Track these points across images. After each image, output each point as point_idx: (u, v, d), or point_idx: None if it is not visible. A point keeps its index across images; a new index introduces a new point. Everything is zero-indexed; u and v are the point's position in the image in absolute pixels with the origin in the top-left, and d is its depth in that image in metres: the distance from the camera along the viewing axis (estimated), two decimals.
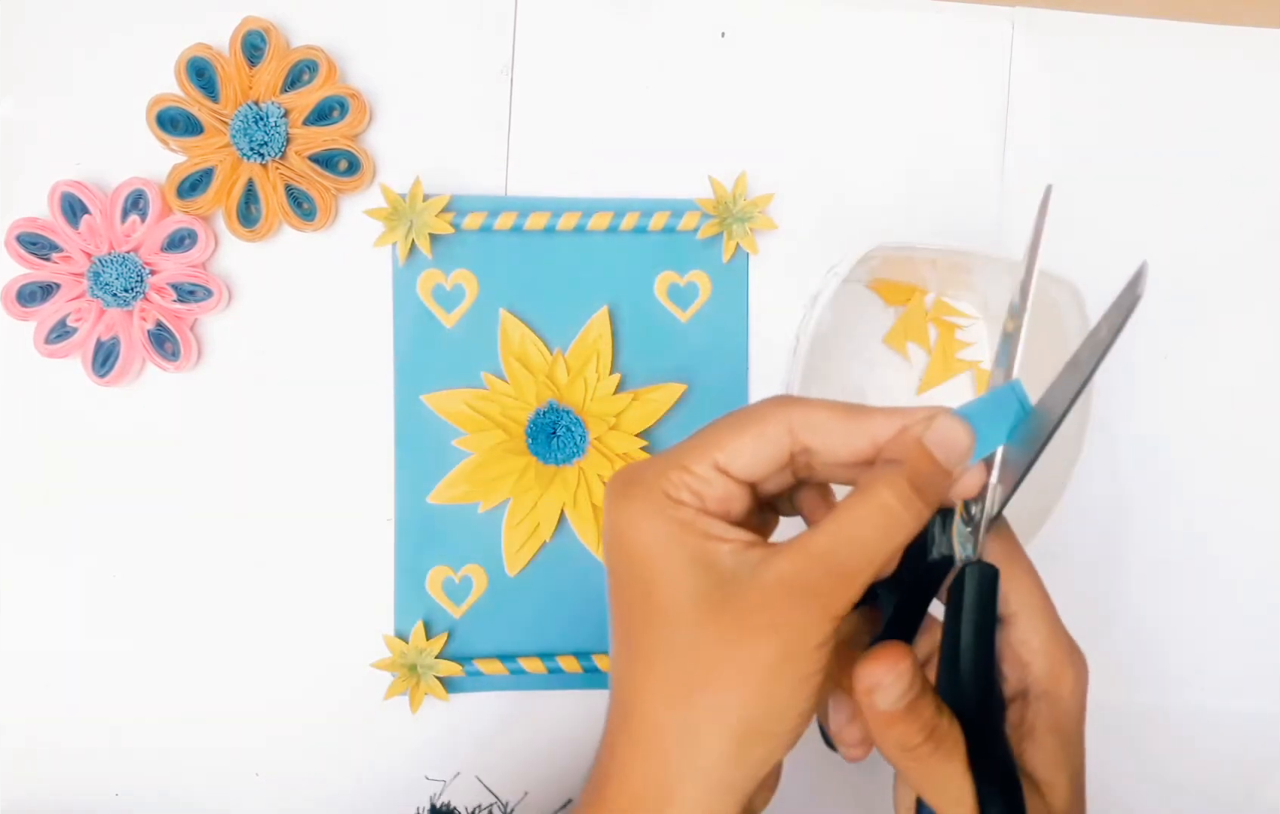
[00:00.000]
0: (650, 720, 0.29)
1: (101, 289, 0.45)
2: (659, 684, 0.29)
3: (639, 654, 0.30)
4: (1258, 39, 0.50)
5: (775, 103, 0.48)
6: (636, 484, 0.30)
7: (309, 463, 0.47)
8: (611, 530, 0.30)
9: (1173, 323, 0.50)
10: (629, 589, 0.30)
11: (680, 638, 0.29)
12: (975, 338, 0.50)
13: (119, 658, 0.46)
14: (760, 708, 0.28)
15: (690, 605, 0.29)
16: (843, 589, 0.28)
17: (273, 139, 0.45)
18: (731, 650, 0.28)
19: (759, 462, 0.30)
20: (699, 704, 0.28)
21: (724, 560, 0.29)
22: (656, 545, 0.29)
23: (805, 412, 0.30)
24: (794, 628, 0.28)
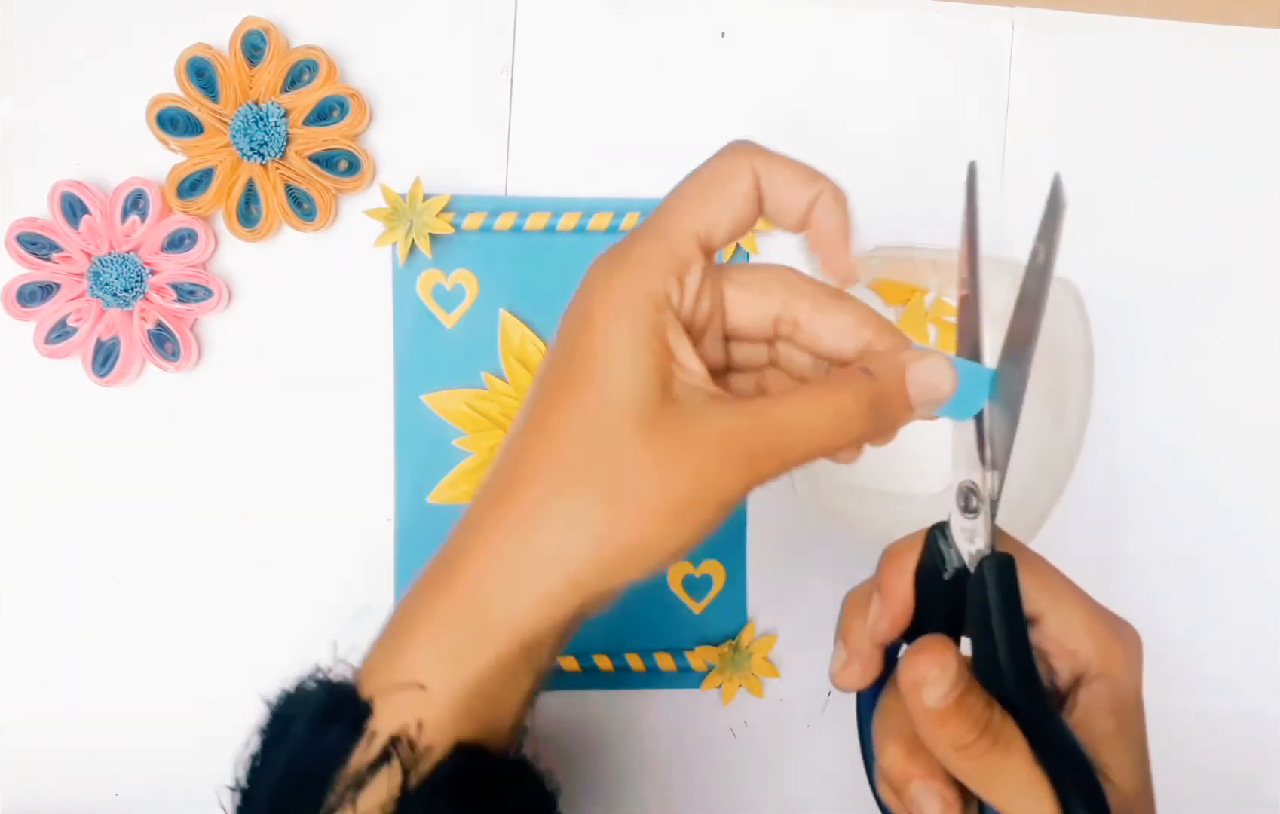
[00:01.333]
0: (530, 506, 0.28)
1: (101, 289, 0.45)
2: (557, 469, 0.28)
3: (546, 432, 0.29)
4: (1258, 39, 0.50)
5: (775, 103, 0.48)
6: (624, 264, 0.29)
7: (309, 463, 0.47)
8: (582, 301, 0.29)
9: (1173, 323, 0.50)
10: (568, 365, 0.29)
11: (606, 438, 0.28)
12: None
13: (119, 658, 0.46)
14: (651, 536, 0.28)
15: (631, 411, 0.28)
16: (774, 462, 0.28)
17: (273, 139, 0.45)
18: (655, 473, 0.27)
19: (732, 222, 0.30)
20: (594, 506, 0.27)
21: (679, 385, 0.28)
22: (624, 334, 0.28)
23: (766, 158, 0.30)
24: (715, 479, 0.28)
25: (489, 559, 0.29)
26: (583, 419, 0.28)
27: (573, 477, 0.28)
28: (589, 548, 0.28)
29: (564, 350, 0.29)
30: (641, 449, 0.27)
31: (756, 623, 0.48)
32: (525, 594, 0.28)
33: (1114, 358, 0.47)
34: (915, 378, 0.30)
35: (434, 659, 0.29)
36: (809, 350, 0.31)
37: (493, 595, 0.28)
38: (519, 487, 0.29)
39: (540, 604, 0.28)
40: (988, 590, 0.30)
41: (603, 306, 0.29)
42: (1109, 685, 0.31)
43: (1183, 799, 0.49)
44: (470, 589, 0.29)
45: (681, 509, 0.28)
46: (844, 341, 0.30)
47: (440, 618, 0.29)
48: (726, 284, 0.31)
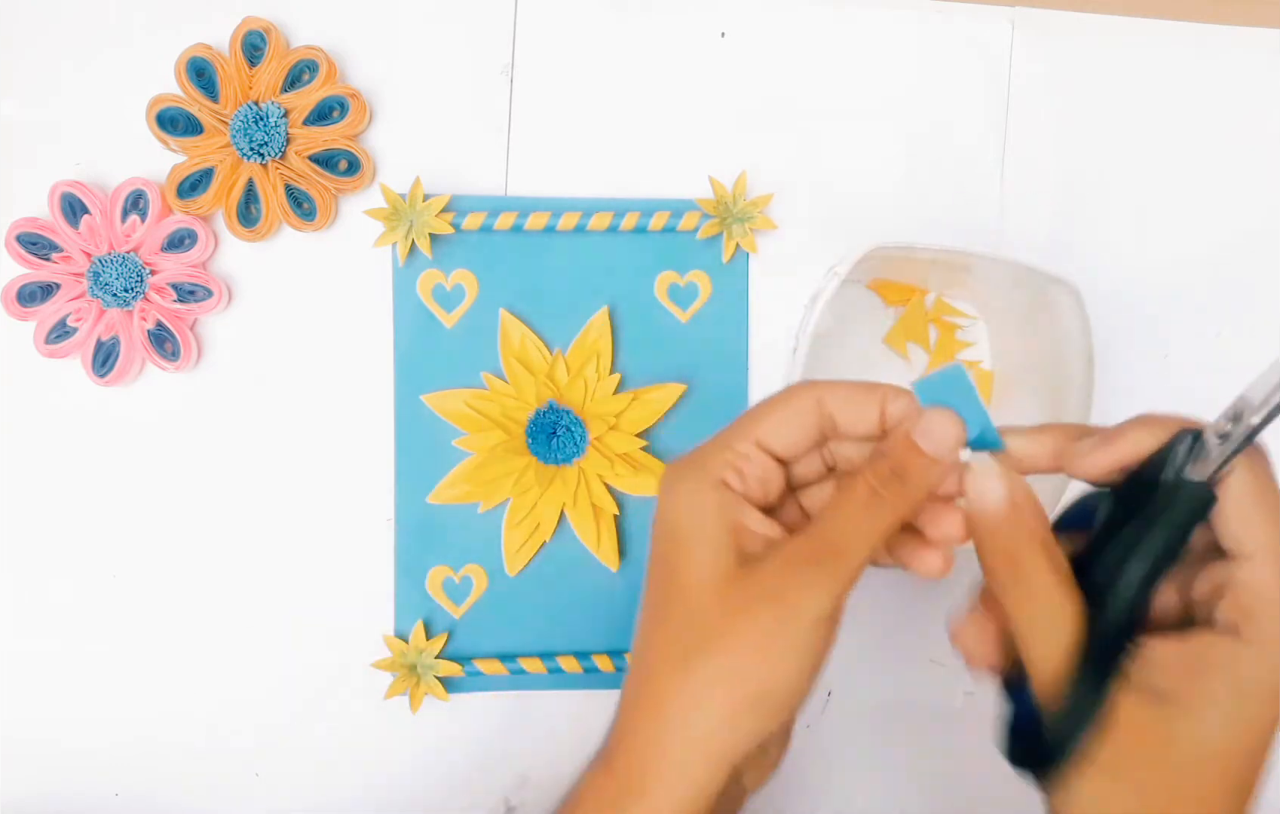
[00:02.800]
0: (656, 684, 0.31)
1: (101, 289, 0.45)
2: (668, 649, 0.31)
3: (657, 622, 0.32)
4: (1258, 39, 0.50)
5: (775, 103, 0.48)
6: (690, 467, 0.33)
7: (309, 463, 0.47)
8: (658, 508, 0.33)
9: (1173, 323, 0.50)
10: (664, 563, 0.32)
11: (694, 609, 0.31)
12: (975, 338, 0.50)
13: (119, 658, 0.46)
14: (757, 675, 0.30)
15: (709, 578, 0.31)
16: (839, 564, 0.30)
17: (273, 139, 0.45)
18: (734, 618, 0.30)
19: (793, 435, 0.33)
20: (700, 668, 0.30)
21: (750, 545, 0.31)
22: (695, 523, 0.31)
23: (829, 387, 0.33)
24: (793, 597, 0.30)
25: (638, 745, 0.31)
26: (676, 604, 0.31)
27: (679, 654, 0.31)
28: (715, 710, 0.30)
29: (656, 554, 0.33)
30: (719, 607, 0.30)
31: None
32: (676, 771, 0.30)
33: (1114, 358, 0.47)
34: (920, 433, 0.31)
35: None
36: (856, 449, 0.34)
37: (647, 777, 0.31)
38: (647, 675, 0.32)
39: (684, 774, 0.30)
40: (1170, 509, 0.29)
41: (674, 507, 0.32)
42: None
43: None
44: (627, 772, 0.31)
45: (771, 639, 0.30)
46: (872, 414, 0.32)
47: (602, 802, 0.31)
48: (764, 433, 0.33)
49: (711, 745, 0.30)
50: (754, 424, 0.33)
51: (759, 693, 0.30)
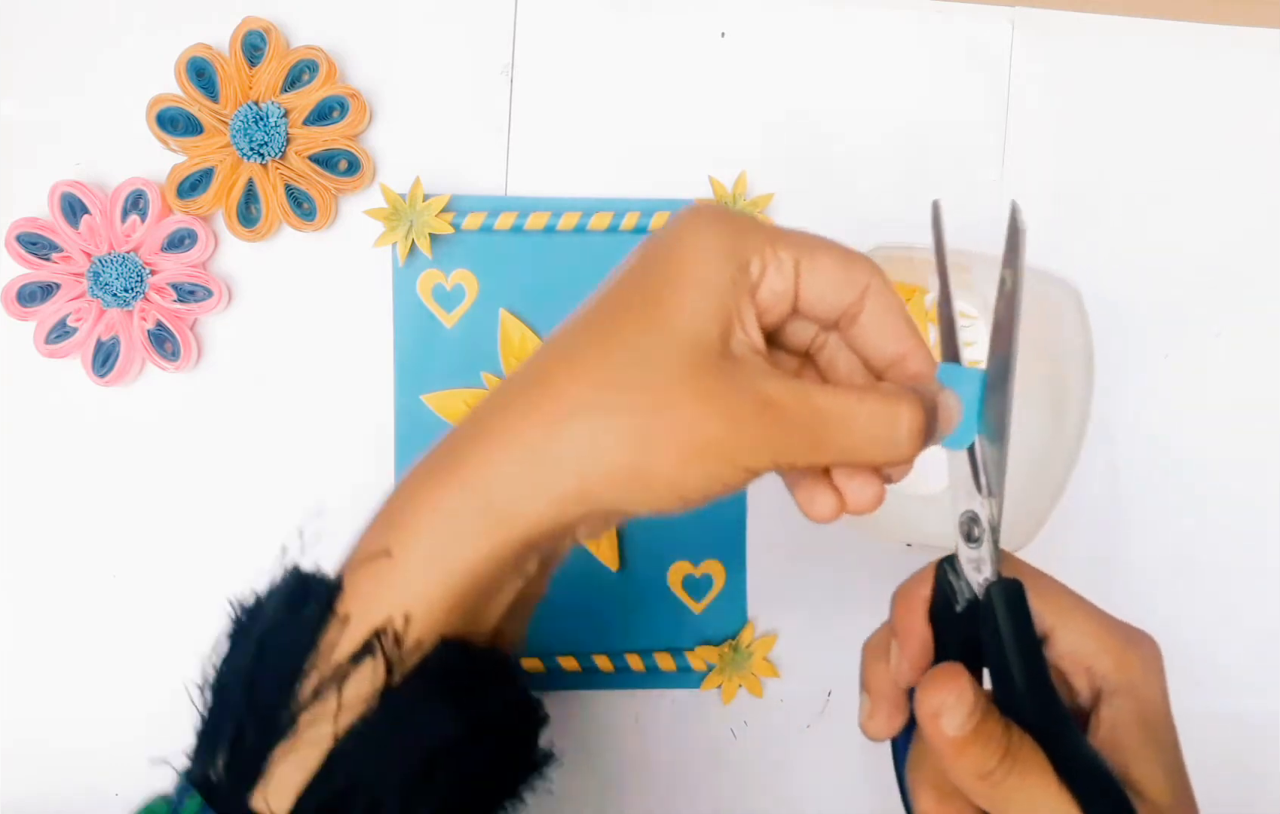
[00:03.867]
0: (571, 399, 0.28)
1: (101, 289, 0.45)
2: (604, 375, 0.28)
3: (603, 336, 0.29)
4: (1258, 39, 0.50)
5: (775, 103, 0.48)
6: (723, 219, 0.30)
7: (309, 463, 0.47)
8: (672, 232, 0.30)
9: (1173, 323, 0.50)
10: (642, 284, 0.29)
11: (656, 358, 0.28)
12: (975, 338, 0.50)
13: (119, 658, 0.46)
14: (669, 471, 0.28)
15: (687, 341, 0.28)
16: (805, 448, 0.28)
17: (273, 139, 0.45)
18: (691, 406, 0.27)
19: (829, 291, 0.30)
20: (625, 419, 0.28)
21: (737, 343, 0.29)
22: (701, 272, 0.29)
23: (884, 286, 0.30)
24: (746, 437, 0.28)
25: (505, 448, 0.28)
26: (642, 337, 0.28)
27: (616, 388, 0.28)
28: (609, 461, 0.27)
29: (639, 270, 0.30)
30: (687, 383, 0.28)
31: (756, 623, 0.48)
32: (537, 490, 0.28)
33: (1114, 358, 0.47)
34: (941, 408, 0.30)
35: (430, 545, 0.28)
36: (858, 349, 0.31)
37: (502, 484, 0.28)
38: (556, 384, 0.28)
39: (549, 502, 0.28)
40: (998, 617, 0.30)
41: (693, 244, 0.29)
42: (1130, 698, 0.30)
43: None
44: (478, 476, 0.28)
45: (706, 452, 0.27)
46: (889, 346, 0.31)
47: (440, 503, 0.29)
48: (810, 259, 0.30)
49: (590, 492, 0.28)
50: (806, 248, 0.30)
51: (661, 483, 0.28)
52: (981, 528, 0.31)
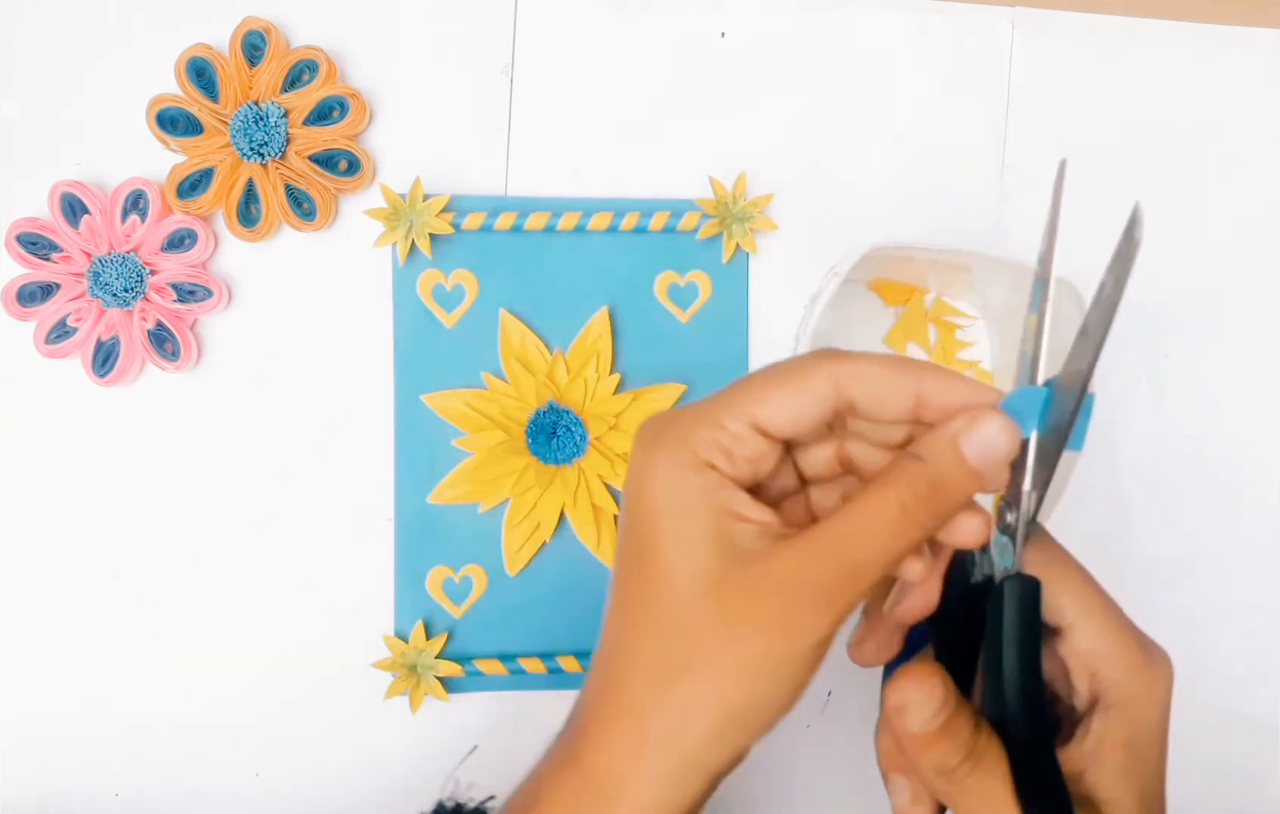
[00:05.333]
0: (633, 692, 0.28)
1: (101, 289, 0.45)
2: (648, 658, 0.28)
3: (633, 621, 0.29)
4: (1258, 39, 0.50)
5: (775, 103, 0.48)
6: (665, 436, 0.28)
7: (309, 463, 0.47)
8: (631, 480, 0.29)
9: (1173, 323, 0.50)
10: (635, 547, 0.29)
11: (678, 614, 0.27)
12: (975, 338, 0.50)
13: (119, 658, 0.46)
14: (746, 700, 0.27)
15: (693, 581, 0.27)
16: (848, 588, 0.27)
17: (273, 139, 0.45)
18: (726, 638, 0.27)
19: (800, 419, 0.28)
20: (685, 687, 0.27)
21: (738, 540, 0.28)
22: (672, 508, 0.28)
23: (852, 365, 0.28)
24: (794, 625, 0.27)
25: (611, 749, 0.29)
26: (653, 600, 0.28)
27: (658, 661, 0.28)
28: (696, 727, 0.27)
29: (626, 531, 0.29)
30: (706, 616, 0.27)
31: None
32: (654, 782, 0.28)
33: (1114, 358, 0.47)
34: (972, 447, 0.27)
35: None
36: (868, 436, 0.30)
37: (618, 779, 0.28)
38: (619, 677, 0.29)
39: (665, 785, 0.28)
40: (1004, 612, 0.29)
41: (649, 485, 0.28)
42: (1127, 717, 0.30)
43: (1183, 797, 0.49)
44: (599, 775, 0.29)
45: (762, 666, 0.27)
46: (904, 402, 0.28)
47: (571, 801, 0.29)
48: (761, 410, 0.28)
49: (694, 761, 0.28)
50: (752, 400, 0.28)
51: (746, 711, 0.28)
52: (1016, 516, 0.29)
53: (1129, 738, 0.29)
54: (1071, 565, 0.31)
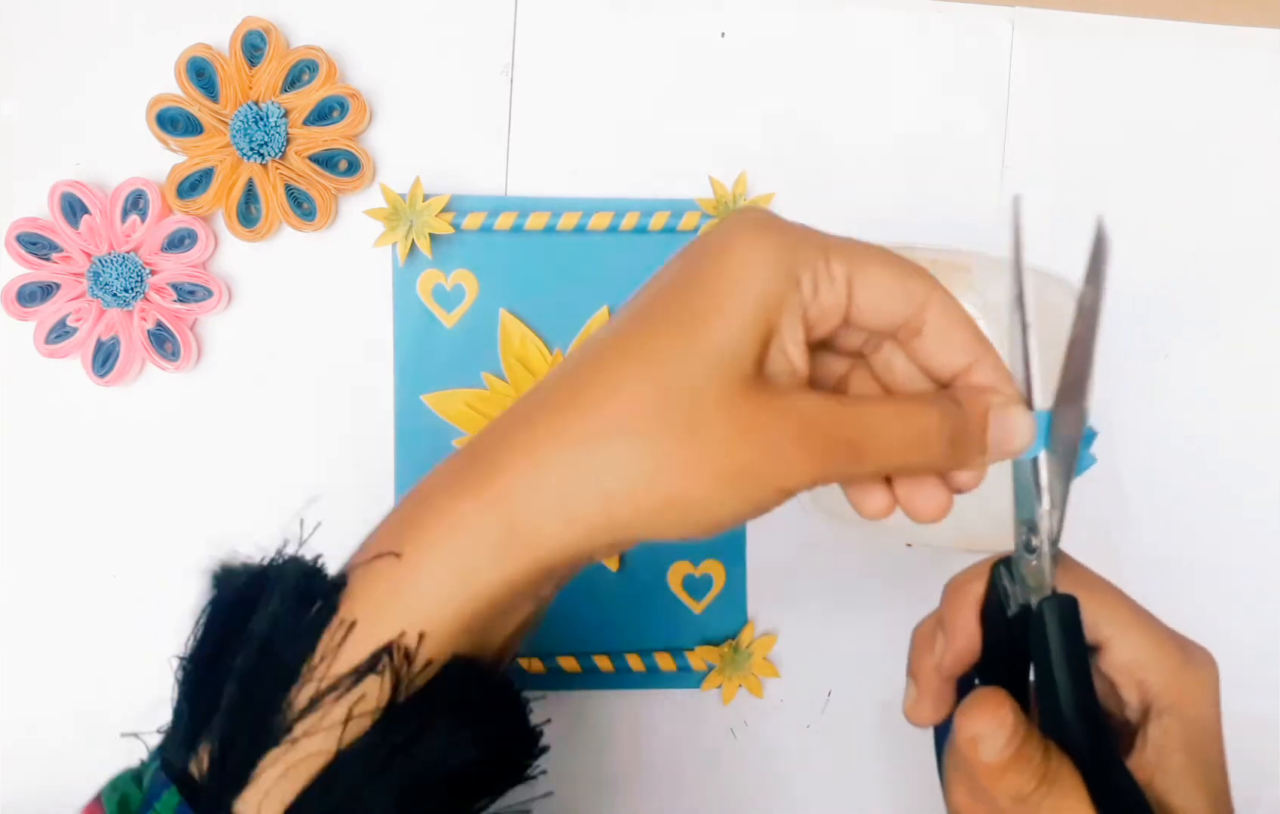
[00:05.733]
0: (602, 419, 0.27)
1: (101, 289, 0.45)
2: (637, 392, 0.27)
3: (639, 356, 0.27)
4: (1258, 39, 0.50)
5: (775, 103, 0.48)
6: (774, 230, 0.28)
7: (309, 463, 0.47)
8: (719, 240, 0.28)
9: (1173, 323, 0.49)
10: (686, 294, 0.28)
11: (693, 375, 0.27)
12: None
13: (119, 658, 0.46)
14: (702, 497, 0.27)
15: (725, 362, 0.27)
16: (846, 461, 0.27)
17: (273, 139, 0.45)
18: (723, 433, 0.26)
19: (884, 306, 0.29)
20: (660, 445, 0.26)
21: (775, 363, 0.28)
22: (747, 288, 0.27)
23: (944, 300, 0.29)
24: (784, 460, 0.27)
25: (532, 468, 0.27)
26: (681, 358, 0.27)
27: (647, 408, 0.26)
28: (639, 486, 0.26)
29: (683, 279, 0.28)
30: (723, 407, 0.26)
31: (756, 623, 0.48)
32: (563, 514, 0.27)
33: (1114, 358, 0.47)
34: (997, 421, 0.29)
35: (447, 561, 0.27)
36: (919, 361, 0.30)
37: (527, 507, 0.27)
38: (587, 403, 0.27)
39: (574, 527, 0.27)
40: (1048, 633, 0.29)
41: (741, 257, 0.27)
42: (1180, 719, 0.30)
43: None
44: (502, 496, 0.27)
45: (742, 478, 0.27)
46: (955, 359, 0.29)
47: (460, 519, 0.27)
48: (864, 274, 0.29)
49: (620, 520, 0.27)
50: (860, 260, 0.28)
51: (693, 509, 0.27)
52: (1040, 538, 0.30)
53: (1186, 740, 0.30)
54: (1099, 582, 0.32)
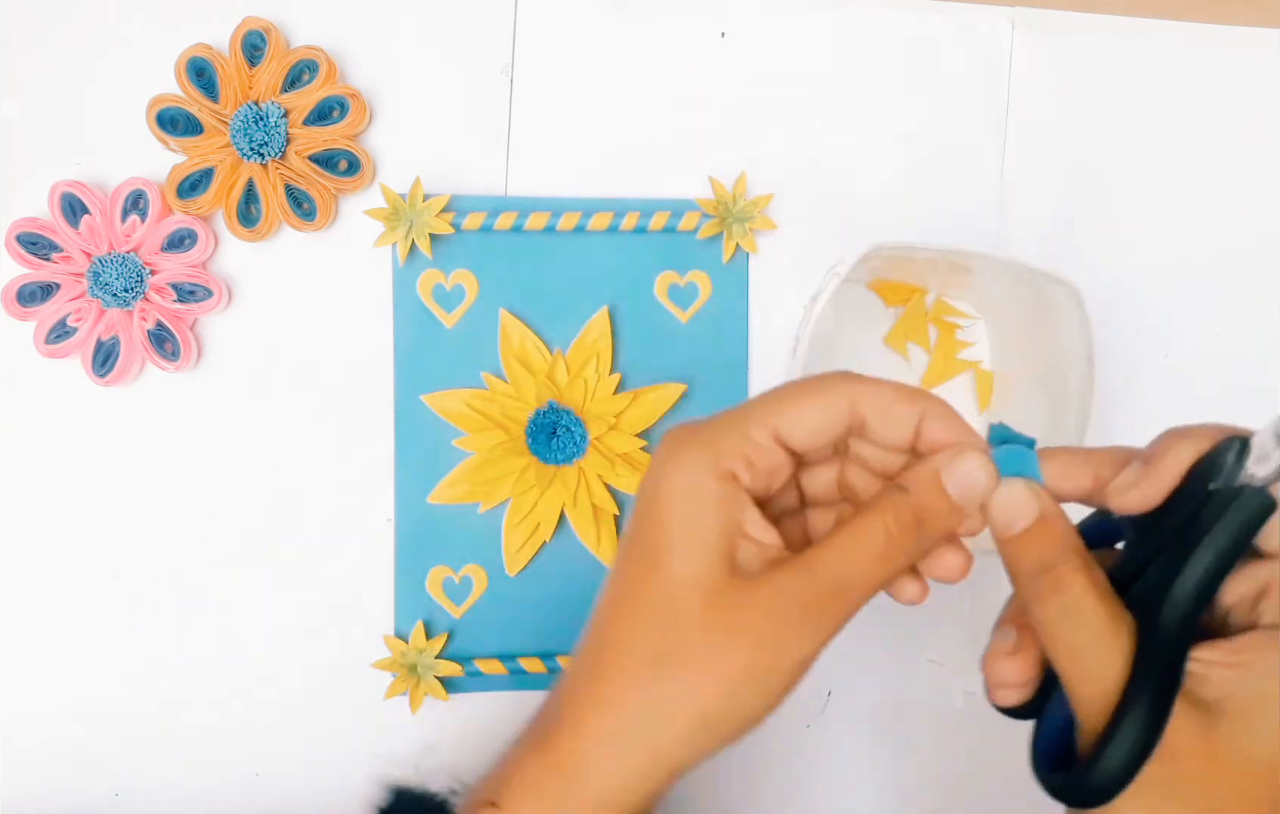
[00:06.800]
0: (616, 680, 0.29)
1: (101, 289, 0.45)
2: (635, 645, 0.29)
3: (628, 612, 0.30)
4: (1258, 39, 0.50)
5: (775, 103, 0.48)
6: (692, 442, 0.30)
7: (309, 463, 0.47)
8: (652, 478, 0.30)
9: (1173, 322, 0.50)
10: (644, 542, 0.30)
11: (673, 613, 0.29)
12: (975, 338, 0.50)
13: (119, 658, 0.46)
14: (725, 706, 0.28)
15: (695, 587, 0.29)
16: (836, 608, 0.29)
17: (273, 139, 0.45)
18: (717, 644, 0.28)
19: (817, 433, 0.30)
20: (668, 681, 0.29)
21: (744, 555, 0.29)
22: (691, 515, 0.29)
23: (867, 387, 0.30)
24: (781, 640, 0.28)
25: (584, 736, 0.29)
26: (654, 597, 0.29)
27: (649, 656, 0.29)
28: (673, 725, 0.29)
29: (637, 527, 0.30)
30: (702, 622, 0.28)
31: None
32: (621, 771, 0.29)
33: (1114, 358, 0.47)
34: (951, 480, 0.29)
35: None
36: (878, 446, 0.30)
37: (590, 770, 0.29)
38: (605, 667, 0.30)
39: (636, 780, 0.29)
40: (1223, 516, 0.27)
41: (669, 485, 0.29)
42: None
43: None
44: (568, 761, 0.30)
45: (746, 677, 0.28)
46: (904, 432, 0.30)
47: (537, 785, 0.30)
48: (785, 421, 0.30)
49: (665, 757, 0.29)
50: (775, 412, 0.30)
51: (722, 717, 0.29)
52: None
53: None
54: None
